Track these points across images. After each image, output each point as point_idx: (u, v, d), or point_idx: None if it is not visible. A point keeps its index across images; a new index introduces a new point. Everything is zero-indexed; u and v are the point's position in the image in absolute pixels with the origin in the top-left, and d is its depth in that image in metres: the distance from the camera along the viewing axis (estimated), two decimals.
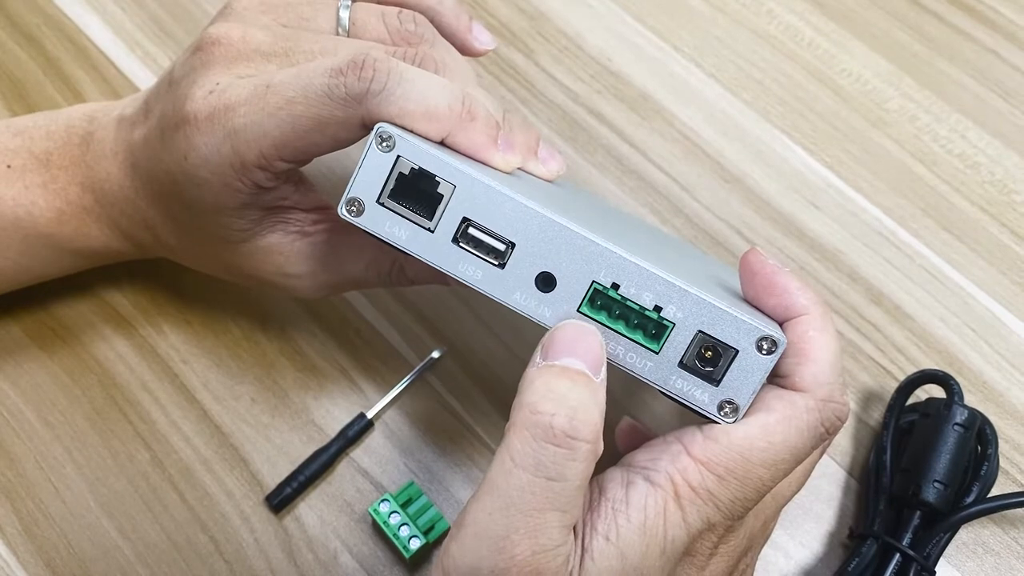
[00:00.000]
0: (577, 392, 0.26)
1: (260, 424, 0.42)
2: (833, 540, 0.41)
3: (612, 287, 0.28)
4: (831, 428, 0.29)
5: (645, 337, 0.29)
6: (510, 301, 0.29)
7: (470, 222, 0.29)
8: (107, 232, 0.39)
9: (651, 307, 0.28)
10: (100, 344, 0.43)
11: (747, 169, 0.49)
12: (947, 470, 0.39)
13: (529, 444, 0.26)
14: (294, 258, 0.37)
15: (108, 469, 0.41)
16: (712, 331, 0.28)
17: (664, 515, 0.27)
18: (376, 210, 0.29)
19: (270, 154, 0.32)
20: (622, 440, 0.39)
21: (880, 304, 0.45)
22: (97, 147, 0.38)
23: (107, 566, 0.39)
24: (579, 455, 0.26)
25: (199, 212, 0.35)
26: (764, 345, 0.28)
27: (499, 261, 0.29)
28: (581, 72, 0.51)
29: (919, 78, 0.51)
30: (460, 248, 0.29)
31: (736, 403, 0.29)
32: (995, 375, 0.44)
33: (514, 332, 0.44)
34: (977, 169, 0.49)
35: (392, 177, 0.29)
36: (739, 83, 0.51)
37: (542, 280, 0.29)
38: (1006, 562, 0.40)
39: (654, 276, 0.28)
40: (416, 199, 0.29)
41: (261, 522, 0.40)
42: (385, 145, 0.29)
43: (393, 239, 0.29)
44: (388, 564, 0.40)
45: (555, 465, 0.26)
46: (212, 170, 0.33)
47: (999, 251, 0.47)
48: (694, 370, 0.29)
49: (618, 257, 0.28)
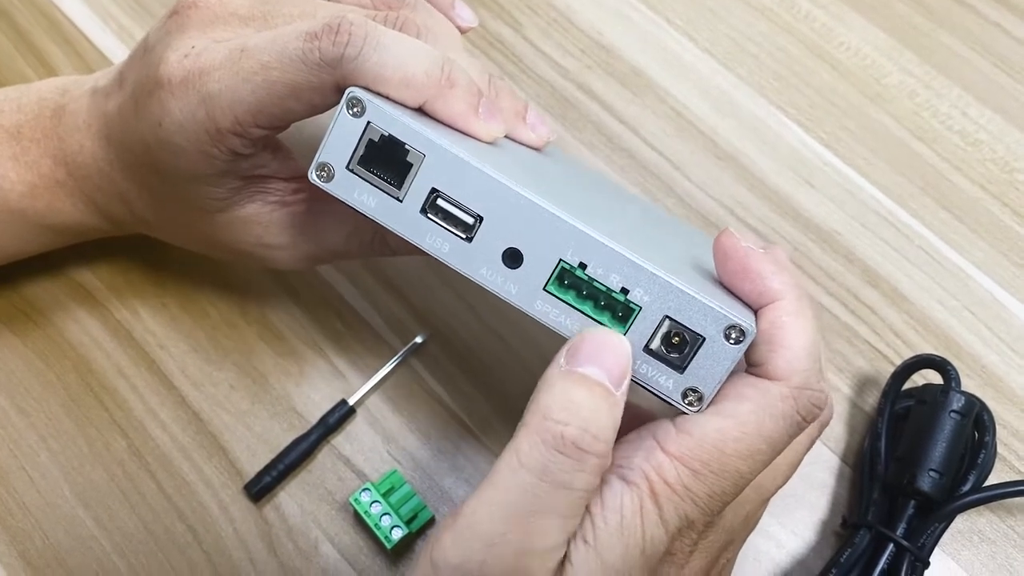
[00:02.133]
0: (594, 404, 0.26)
1: (239, 411, 0.41)
2: (826, 528, 0.40)
3: (579, 266, 0.27)
4: (808, 416, 0.28)
5: (612, 319, 0.28)
6: (477, 276, 0.28)
7: (439, 193, 0.28)
8: (81, 207, 0.38)
9: (618, 289, 0.27)
10: (75, 328, 0.42)
11: (741, 146, 0.47)
12: (943, 458, 0.38)
13: (538, 448, 0.25)
14: (273, 228, 0.36)
15: (84, 457, 0.40)
16: (679, 317, 0.27)
17: (641, 514, 0.27)
18: (346, 176, 0.29)
19: (245, 120, 0.31)
20: None
21: (877, 286, 0.44)
22: (70, 119, 0.37)
23: (83, 557, 0.38)
24: (587, 467, 0.26)
25: (175, 182, 0.34)
26: (732, 334, 0.27)
27: (467, 235, 0.28)
28: (571, 46, 0.49)
29: (920, 52, 0.50)
30: (428, 219, 0.28)
31: (701, 392, 0.28)
32: (994, 359, 0.43)
33: (500, 316, 0.43)
34: (978, 146, 0.47)
35: (362, 144, 0.28)
36: (734, 57, 0.49)
37: (509, 256, 0.28)
38: (1003, 551, 0.39)
39: (622, 257, 0.27)
40: (386, 167, 0.28)
41: (240, 511, 0.39)
42: (355, 111, 0.28)
43: (362, 207, 0.29)
44: (370, 554, 0.39)
45: (562, 473, 0.25)
46: (187, 137, 0.32)
47: (1000, 231, 0.45)
48: (659, 356, 0.28)
49: (586, 236, 0.27)
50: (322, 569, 0.38)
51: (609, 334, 0.27)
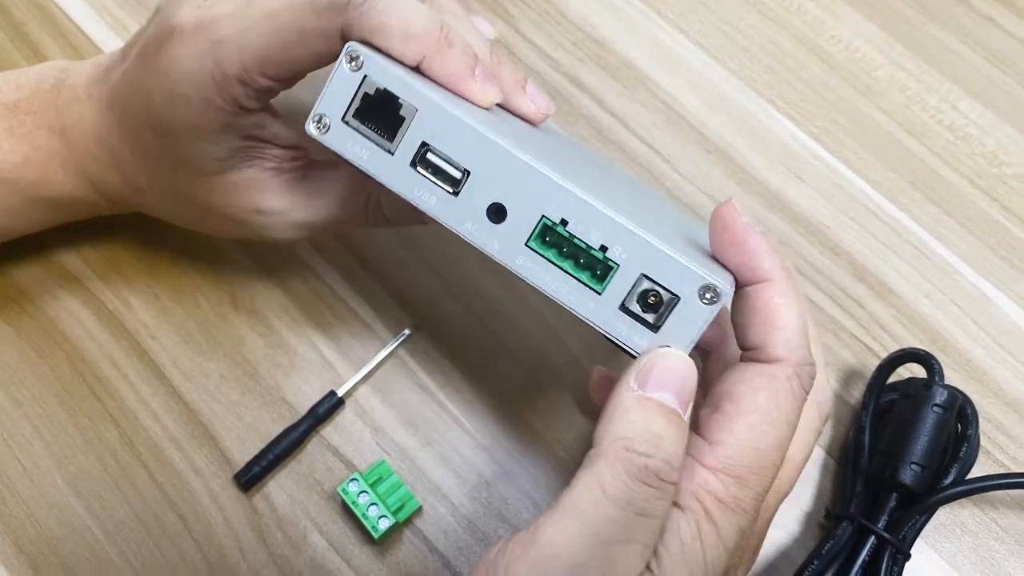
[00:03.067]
0: (672, 434, 0.27)
1: (230, 401, 0.41)
2: (810, 520, 0.40)
3: (561, 223, 0.28)
4: (808, 388, 0.29)
5: (591, 278, 0.29)
6: (461, 230, 0.29)
7: (429, 147, 0.29)
8: (74, 178, 0.38)
9: (597, 246, 0.28)
10: (67, 319, 0.43)
11: (731, 140, 0.47)
12: (925, 451, 0.38)
13: (622, 480, 0.26)
14: (269, 194, 0.37)
15: (76, 447, 0.40)
16: (655, 275, 0.28)
17: (700, 537, 0.27)
18: (340, 128, 0.30)
19: (252, 67, 0.32)
20: (598, 392, 0.39)
21: (864, 280, 0.44)
22: (69, 92, 0.38)
23: (75, 544, 0.39)
24: (667, 495, 0.26)
25: (175, 140, 0.35)
26: (707, 294, 0.27)
27: (453, 189, 0.29)
28: (562, 39, 0.50)
29: (911, 45, 0.50)
30: (417, 172, 0.29)
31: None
32: (980, 353, 0.43)
33: (489, 309, 0.43)
34: (967, 140, 0.47)
35: (358, 96, 0.29)
36: (725, 51, 0.49)
37: (493, 211, 0.29)
38: (984, 543, 0.40)
39: (602, 215, 0.28)
40: (379, 120, 0.29)
41: (230, 500, 0.40)
42: (354, 64, 0.29)
43: (355, 158, 0.30)
44: (358, 543, 0.39)
45: (645, 503, 0.26)
46: (193, 84, 0.32)
47: (988, 225, 0.46)
48: (634, 314, 0.28)
49: (568, 193, 0.28)
50: (310, 558, 0.39)
51: (678, 358, 0.28)
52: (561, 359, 0.43)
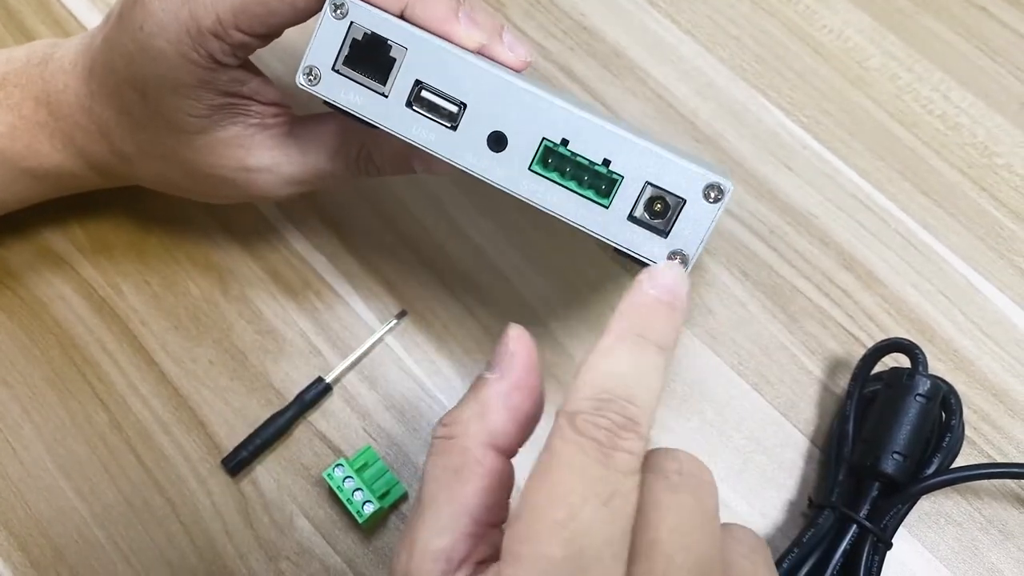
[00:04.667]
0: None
1: (218, 387, 0.42)
2: (794, 509, 0.41)
3: (562, 143, 0.29)
4: (589, 434, 0.23)
5: (597, 194, 0.29)
6: (464, 162, 0.30)
7: (422, 85, 0.30)
8: (60, 148, 0.38)
9: (600, 160, 0.29)
10: (59, 304, 0.43)
11: (721, 129, 0.47)
12: (907, 441, 0.38)
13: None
14: (255, 150, 0.37)
15: (66, 430, 0.41)
16: (659, 181, 0.29)
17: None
18: (332, 77, 0.30)
19: (227, 20, 0.32)
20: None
21: (852, 269, 0.44)
22: (56, 64, 0.38)
23: (64, 527, 0.39)
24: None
25: (156, 97, 0.35)
26: (711, 193, 0.28)
27: (451, 123, 0.30)
28: (553, 28, 0.50)
29: (903, 35, 0.49)
30: (414, 111, 0.30)
31: (685, 253, 0.29)
32: (967, 343, 0.43)
33: (477, 296, 0.44)
34: (958, 130, 0.47)
35: (346, 44, 0.30)
36: (715, 40, 0.49)
37: (493, 139, 0.29)
38: (968, 533, 0.40)
39: (602, 129, 0.29)
40: (370, 64, 0.30)
41: (218, 485, 0.40)
42: (339, 12, 0.30)
43: (349, 105, 0.30)
44: (344, 528, 0.40)
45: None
46: (168, 38, 0.33)
47: (977, 216, 0.45)
48: (643, 223, 0.29)
49: (566, 112, 0.29)
50: (296, 542, 0.39)
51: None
52: (547, 347, 0.43)
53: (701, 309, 0.44)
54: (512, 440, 0.27)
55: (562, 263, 0.44)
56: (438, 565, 0.24)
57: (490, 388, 0.27)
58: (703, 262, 0.44)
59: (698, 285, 0.44)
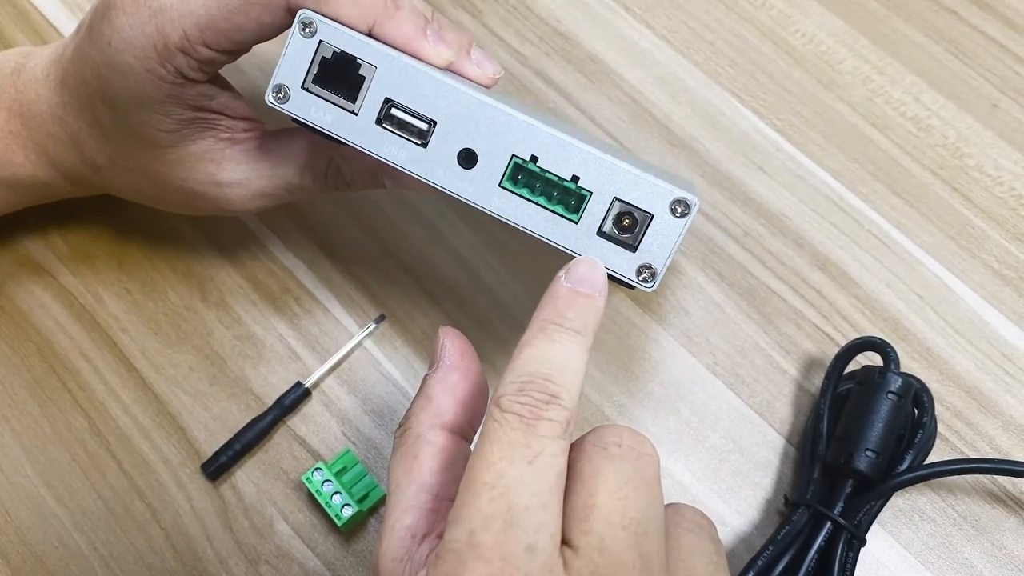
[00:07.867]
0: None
1: (198, 392, 0.42)
2: (770, 507, 0.41)
3: (531, 160, 0.29)
4: (513, 409, 0.25)
5: (566, 209, 0.30)
6: (434, 179, 0.30)
7: (392, 103, 0.30)
8: (33, 158, 0.39)
9: (568, 177, 0.29)
10: (39, 312, 0.43)
11: (695, 133, 0.48)
12: (880, 438, 0.38)
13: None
14: (225, 164, 0.37)
15: (46, 437, 0.41)
16: (627, 197, 0.29)
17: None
18: (301, 95, 0.31)
19: (193, 36, 0.32)
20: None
21: (825, 270, 0.45)
22: (28, 73, 0.38)
23: (44, 534, 0.40)
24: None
25: (125, 111, 0.35)
26: (678, 208, 0.29)
27: (422, 140, 0.30)
28: (529, 33, 0.50)
29: (874, 38, 0.50)
30: (384, 129, 0.30)
31: (654, 268, 0.30)
32: (940, 342, 0.44)
33: (455, 302, 0.44)
34: (930, 132, 0.48)
35: (315, 62, 0.30)
36: (690, 45, 0.50)
37: (464, 157, 0.30)
38: (942, 529, 0.40)
39: (570, 146, 0.29)
40: (340, 83, 0.30)
41: (198, 490, 0.40)
42: (307, 31, 0.30)
43: (319, 123, 0.31)
44: (323, 532, 0.40)
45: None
46: (135, 53, 0.33)
47: (949, 216, 0.46)
48: (612, 237, 0.30)
49: (535, 129, 0.29)
50: (276, 546, 0.40)
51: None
52: None
53: (677, 310, 0.44)
54: (459, 418, 0.29)
55: (540, 269, 0.44)
56: (403, 542, 0.26)
57: (431, 379, 0.29)
58: (678, 264, 0.45)
59: (674, 287, 0.44)
